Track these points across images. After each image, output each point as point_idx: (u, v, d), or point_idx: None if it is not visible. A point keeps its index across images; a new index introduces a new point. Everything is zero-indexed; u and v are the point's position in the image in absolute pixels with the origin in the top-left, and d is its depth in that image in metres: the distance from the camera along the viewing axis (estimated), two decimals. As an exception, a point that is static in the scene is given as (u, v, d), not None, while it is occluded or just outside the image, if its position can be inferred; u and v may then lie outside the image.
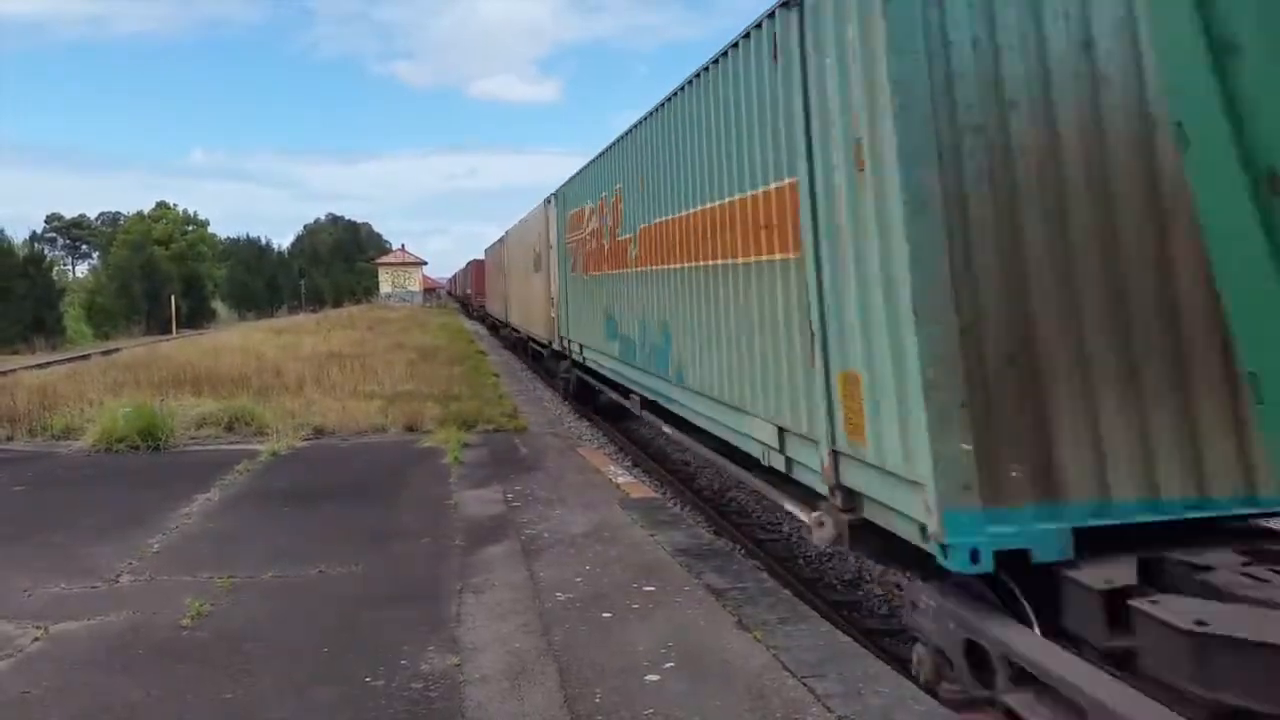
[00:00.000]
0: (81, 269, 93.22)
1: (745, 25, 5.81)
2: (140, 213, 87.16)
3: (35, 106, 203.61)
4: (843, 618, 6.18)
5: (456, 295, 74.77)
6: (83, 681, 4.36)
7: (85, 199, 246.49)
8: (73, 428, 11.96)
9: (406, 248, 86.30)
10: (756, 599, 5.32)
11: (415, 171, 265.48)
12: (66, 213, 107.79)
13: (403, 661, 4.50)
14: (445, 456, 10.10)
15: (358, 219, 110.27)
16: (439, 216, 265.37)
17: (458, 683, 4.25)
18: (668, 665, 4.39)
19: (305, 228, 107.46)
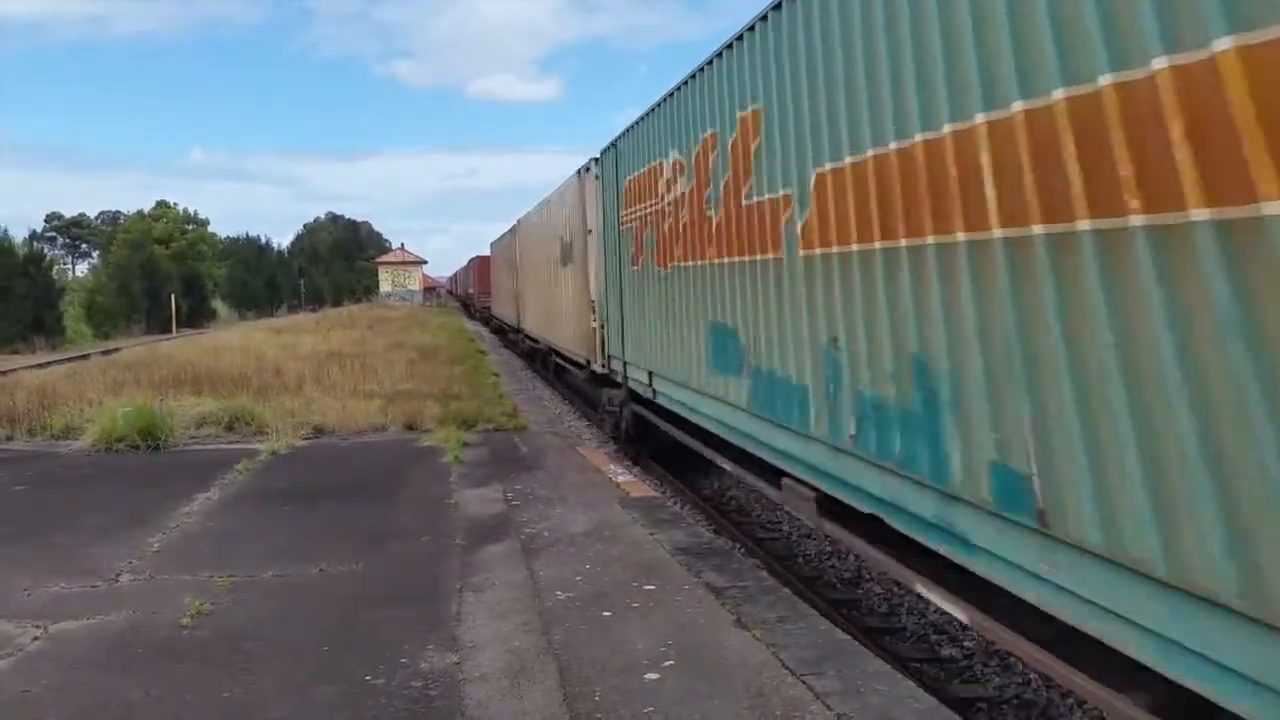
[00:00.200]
0: (81, 268, 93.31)
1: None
2: (140, 212, 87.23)
3: (35, 106, 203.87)
4: (842, 616, 6.19)
5: (457, 295, 72.84)
6: (82, 681, 4.36)
7: (85, 199, 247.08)
8: (73, 427, 11.96)
9: (406, 247, 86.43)
10: (756, 597, 5.33)
11: (415, 171, 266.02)
12: (66, 212, 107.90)
13: (403, 660, 4.51)
14: (445, 455, 10.11)
15: (357, 218, 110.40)
16: (439, 216, 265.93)
17: (457, 681, 4.26)
18: (667, 664, 4.40)
19: (305, 227, 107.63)
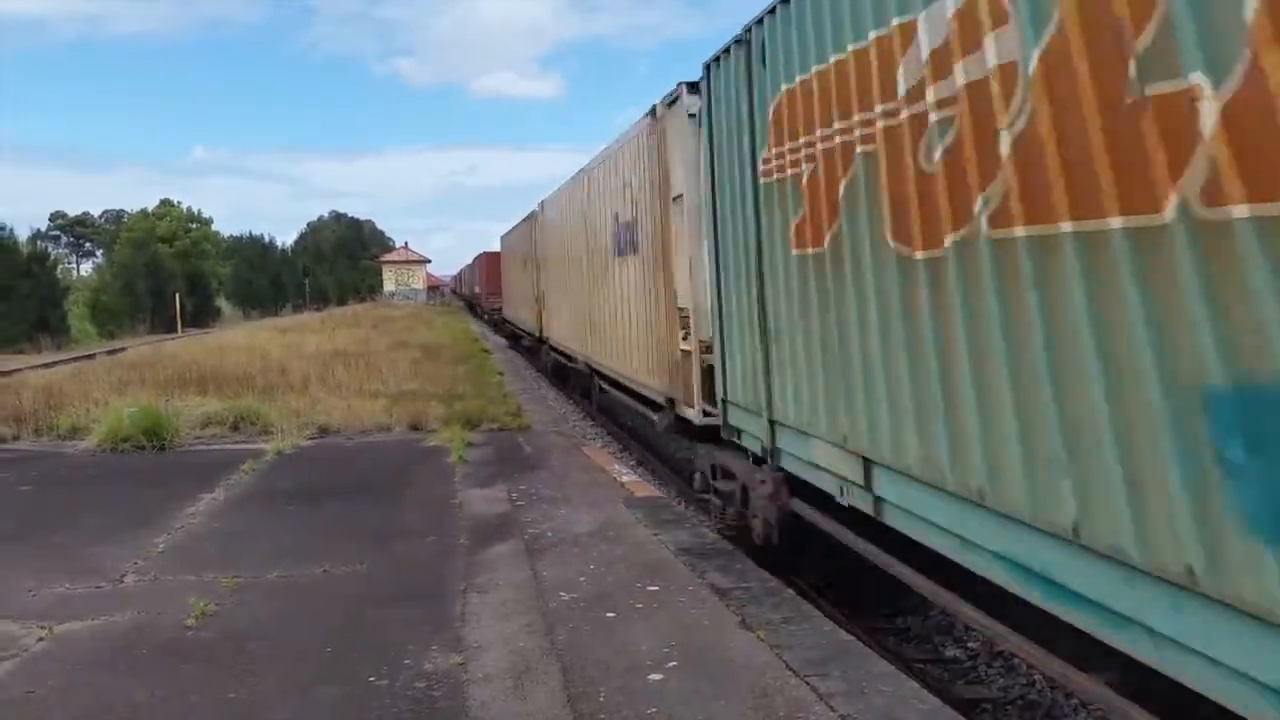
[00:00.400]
0: (86, 267, 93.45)
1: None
2: (144, 210, 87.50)
3: (36, 106, 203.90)
4: (846, 617, 6.17)
5: (462, 294, 71.21)
6: (87, 681, 4.37)
7: (89, 197, 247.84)
8: (78, 427, 12.00)
9: (409, 245, 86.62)
10: (760, 598, 5.32)
11: (417, 169, 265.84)
12: (70, 211, 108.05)
13: (406, 661, 4.51)
14: (450, 455, 10.11)
15: (360, 216, 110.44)
16: (441, 214, 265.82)
17: (461, 682, 4.26)
18: (671, 664, 4.39)
19: (308, 225, 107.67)
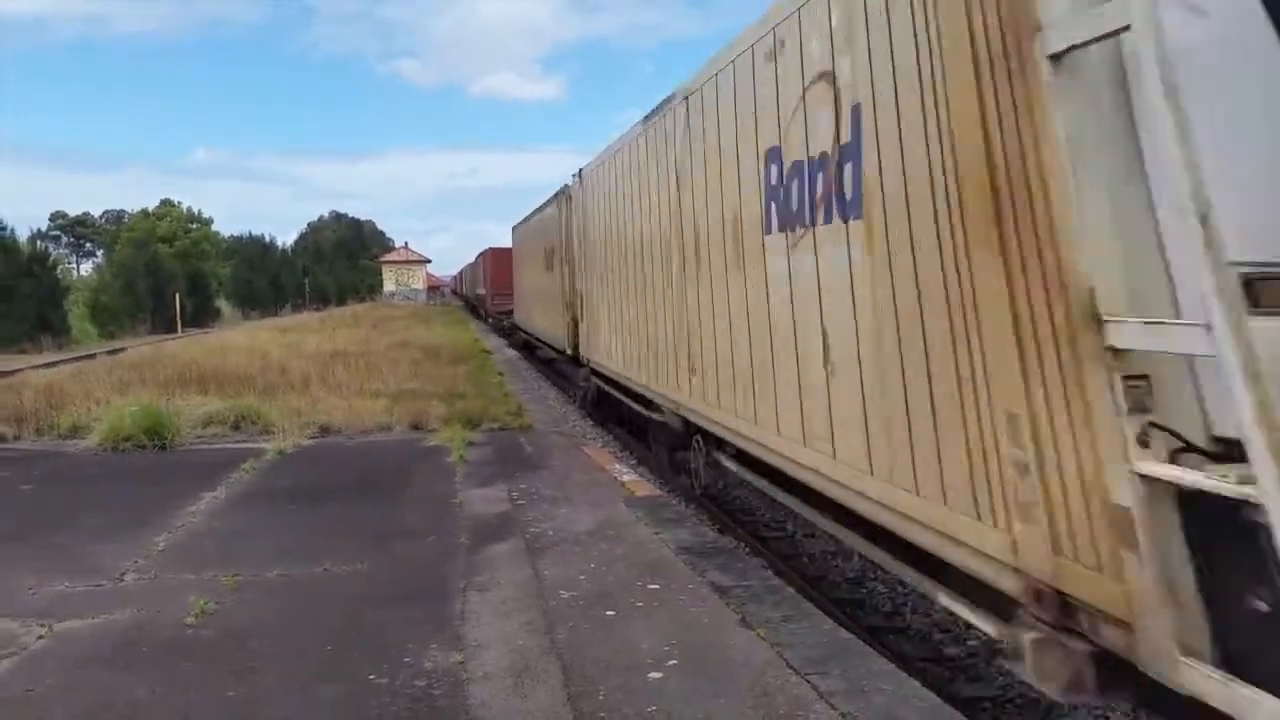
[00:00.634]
0: (86, 267, 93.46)
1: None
2: (145, 211, 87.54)
3: (36, 106, 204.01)
4: (846, 615, 6.18)
5: (463, 295, 69.61)
6: (87, 680, 4.37)
7: (89, 198, 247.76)
8: (79, 426, 11.98)
9: (410, 245, 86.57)
10: (760, 596, 5.32)
11: (417, 170, 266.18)
12: (70, 211, 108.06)
13: (407, 659, 4.51)
14: (450, 455, 10.11)
15: (360, 217, 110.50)
16: (441, 215, 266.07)
17: (461, 680, 4.25)
18: (671, 663, 4.39)
19: (309, 225, 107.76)
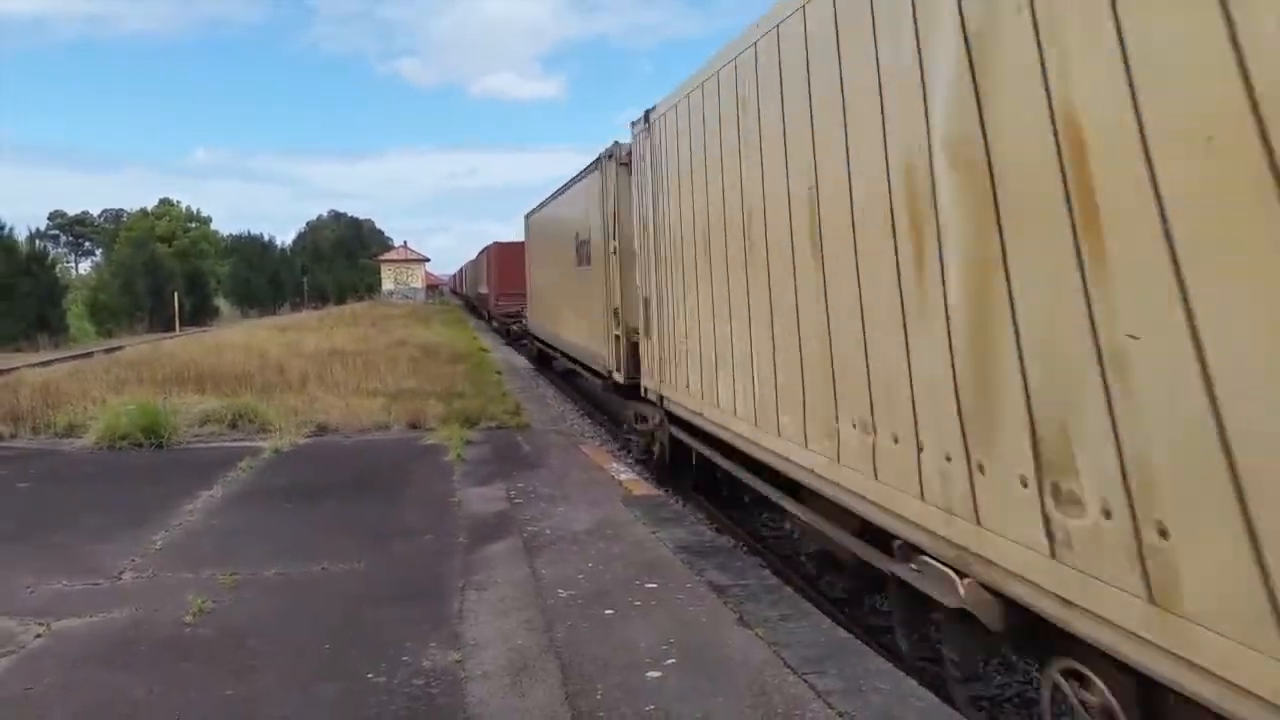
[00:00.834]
0: (84, 266, 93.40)
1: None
2: (144, 210, 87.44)
3: (36, 106, 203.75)
4: (844, 614, 6.18)
5: (463, 294, 67.98)
6: (85, 678, 4.37)
7: (88, 197, 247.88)
8: (76, 425, 11.96)
9: (409, 245, 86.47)
10: (758, 596, 5.32)
11: (417, 170, 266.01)
12: (69, 210, 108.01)
13: (405, 658, 4.51)
14: (448, 454, 10.11)
15: (360, 216, 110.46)
16: (441, 214, 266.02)
17: (459, 679, 4.26)
18: (669, 662, 4.40)
19: (308, 224, 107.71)
